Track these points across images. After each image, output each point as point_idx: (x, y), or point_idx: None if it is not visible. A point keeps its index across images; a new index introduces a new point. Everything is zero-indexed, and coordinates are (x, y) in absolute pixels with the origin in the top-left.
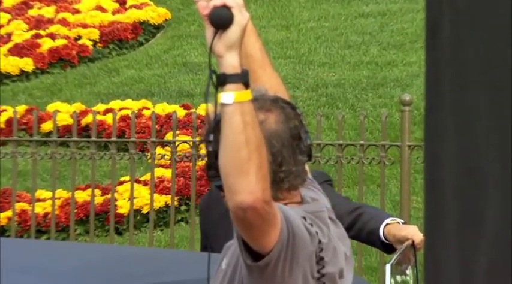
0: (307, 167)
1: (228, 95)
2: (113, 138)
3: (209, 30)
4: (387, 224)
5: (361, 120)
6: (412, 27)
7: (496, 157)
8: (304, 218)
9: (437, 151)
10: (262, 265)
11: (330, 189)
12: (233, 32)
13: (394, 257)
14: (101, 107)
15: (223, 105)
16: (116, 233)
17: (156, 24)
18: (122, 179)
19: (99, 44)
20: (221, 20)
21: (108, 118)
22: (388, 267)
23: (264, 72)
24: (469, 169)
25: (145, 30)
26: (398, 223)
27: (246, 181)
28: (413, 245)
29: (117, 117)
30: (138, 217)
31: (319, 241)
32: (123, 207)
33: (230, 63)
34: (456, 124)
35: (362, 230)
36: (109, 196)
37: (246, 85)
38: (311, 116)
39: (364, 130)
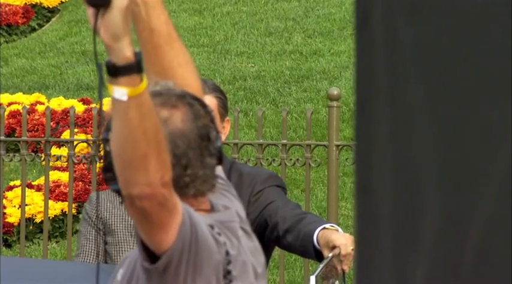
0: (219, 170)
1: (121, 91)
2: (1, 137)
3: (90, 11)
4: (325, 228)
5: (284, 116)
6: (341, 13)
7: (434, 156)
8: (212, 227)
9: (369, 151)
10: (161, 268)
11: (276, 191)
12: (113, 17)
13: (320, 267)
14: None
15: (116, 99)
16: (4, 245)
17: (51, 7)
18: (11, 183)
19: None
20: None
21: None
22: (312, 279)
23: (171, 48)
24: (405, 170)
25: (39, 13)
26: (337, 230)
27: (144, 174)
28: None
29: (6, 112)
30: (31, 227)
31: (227, 252)
32: (12, 215)
33: (121, 54)
34: (390, 120)
35: (300, 232)
36: None
37: (139, 71)
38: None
39: (287, 128)
